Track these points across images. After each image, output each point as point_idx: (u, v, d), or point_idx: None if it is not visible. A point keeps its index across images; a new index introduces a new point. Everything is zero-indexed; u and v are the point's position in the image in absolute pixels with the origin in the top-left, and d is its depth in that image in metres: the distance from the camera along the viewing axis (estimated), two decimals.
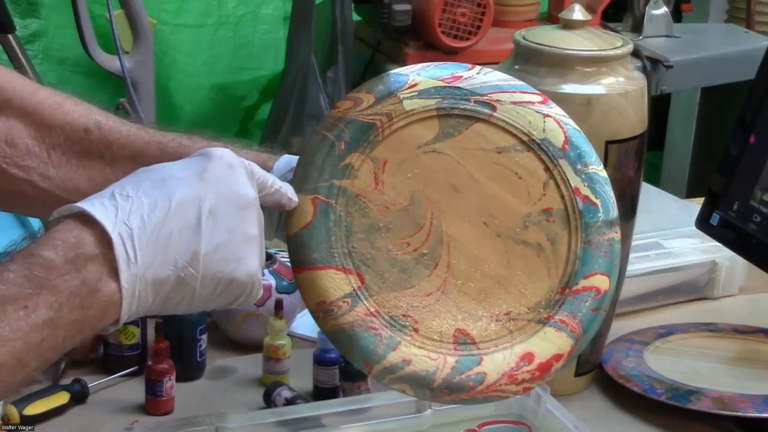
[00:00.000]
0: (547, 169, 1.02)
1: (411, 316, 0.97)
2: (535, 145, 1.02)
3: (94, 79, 2.88)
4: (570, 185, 1.01)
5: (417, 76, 1.03)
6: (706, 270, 1.62)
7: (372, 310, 0.97)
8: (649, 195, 1.62)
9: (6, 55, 2.56)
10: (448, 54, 2.67)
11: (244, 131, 3.20)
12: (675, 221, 1.70)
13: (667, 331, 1.49)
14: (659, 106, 3.12)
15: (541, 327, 0.98)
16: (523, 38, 1.31)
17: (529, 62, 1.29)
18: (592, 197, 1.01)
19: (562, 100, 1.25)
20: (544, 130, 1.02)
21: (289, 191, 0.96)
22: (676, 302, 1.61)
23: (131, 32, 2.62)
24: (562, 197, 1.01)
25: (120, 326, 0.87)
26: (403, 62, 2.68)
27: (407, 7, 2.67)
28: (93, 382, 1.33)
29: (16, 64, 2.52)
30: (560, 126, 1.03)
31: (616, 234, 1.01)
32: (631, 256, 1.38)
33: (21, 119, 1.04)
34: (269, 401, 1.31)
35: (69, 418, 1.29)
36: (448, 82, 1.03)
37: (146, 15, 2.64)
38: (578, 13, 1.31)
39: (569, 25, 1.31)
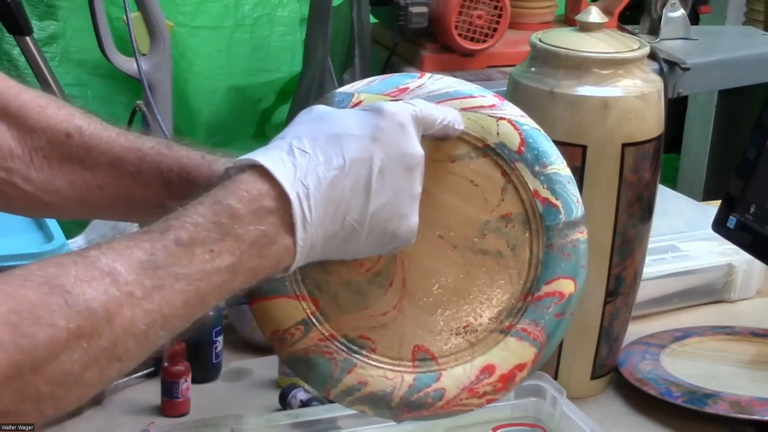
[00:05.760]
0: (504, 173, 0.99)
1: (368, 337, 0.97)
2: (490, 151, 0.99)
3: (111, 82, 2.88)
4: (529, 188, 0.98)
5: (361, 93, 1.01)
6: (722, 273, 1.61)
7: (327, 334, 0.97)
8: (665, 198, 1.61)
9: (23, 57, 2.57)
10: (465, 56, 2.67)
11: (261, 133, 3.20)
12: (692, 224, 1.69)
13: (684, 334, 1.49)
14: (676, 108, 3.12)
15: (503, 337, 0.97)
16: (540, 41, 1.30)
17: (545, 65, 1.29)
18: (552, 199, 0.98)
19: (578, 102, 1.26)
20: (498, 133, 0.99)
21: (455, 122, 0.98)
22: (692, 305, 1.60)
23: (148, 34, 2.62)
24: (522, 201, 0.98)
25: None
26: (419, 65, 2.68)
27: (424, 9, 2.66)
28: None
29: (34, 66, 2.53)
30: (515, 128, 0.99)
31: (580, 234, 0.98)
32: (648, 258, 1.38)
33: (4, 121, 1.05)
34: (285, 403, 1.31)
35: (85, 419, 1.30)
36: (393, 96, 1.00)
37: (163, 17, 2.64)
38: (595, 15, 1.31)
39: (586, 27, 1.31)
